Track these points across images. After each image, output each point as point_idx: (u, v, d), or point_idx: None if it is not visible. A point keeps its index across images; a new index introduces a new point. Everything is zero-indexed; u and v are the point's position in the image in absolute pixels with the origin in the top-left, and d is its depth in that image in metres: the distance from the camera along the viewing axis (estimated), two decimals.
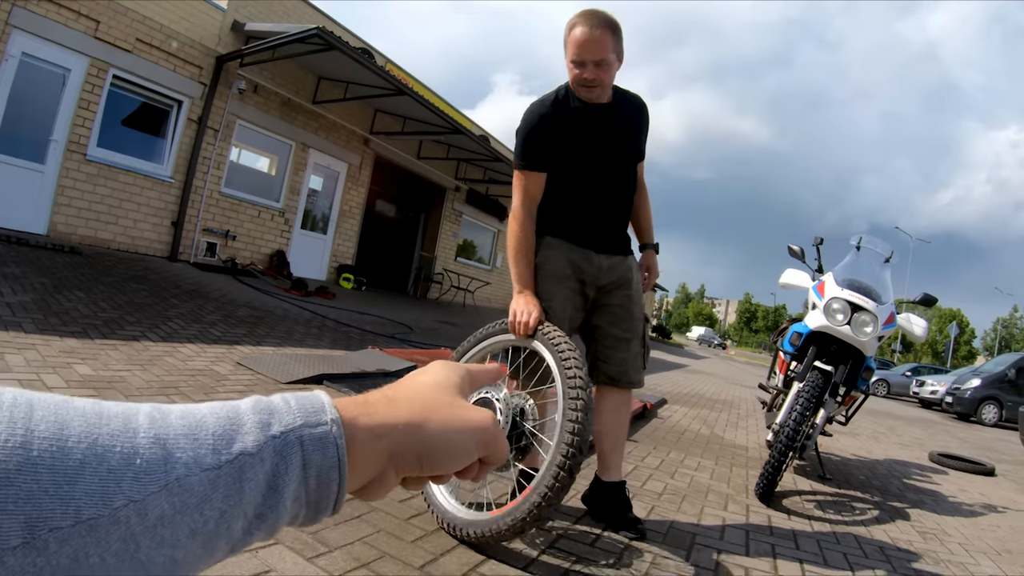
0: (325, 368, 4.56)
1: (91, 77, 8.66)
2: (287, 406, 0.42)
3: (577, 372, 2.20)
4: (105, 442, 0.34)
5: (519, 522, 2.07)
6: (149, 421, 0.37)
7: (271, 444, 0.40)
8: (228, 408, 0.41)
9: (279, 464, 0.40)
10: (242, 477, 0.38)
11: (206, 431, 0.38)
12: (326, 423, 0.42)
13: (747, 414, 8.19)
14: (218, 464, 0.37)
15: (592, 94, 2.58)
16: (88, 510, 0.32)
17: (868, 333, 3.89)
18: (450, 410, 0.50)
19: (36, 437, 0.32)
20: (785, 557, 2.77)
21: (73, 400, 0.36)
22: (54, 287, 5.45)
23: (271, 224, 12.02)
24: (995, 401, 16.65)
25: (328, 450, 0.42)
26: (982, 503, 4.86)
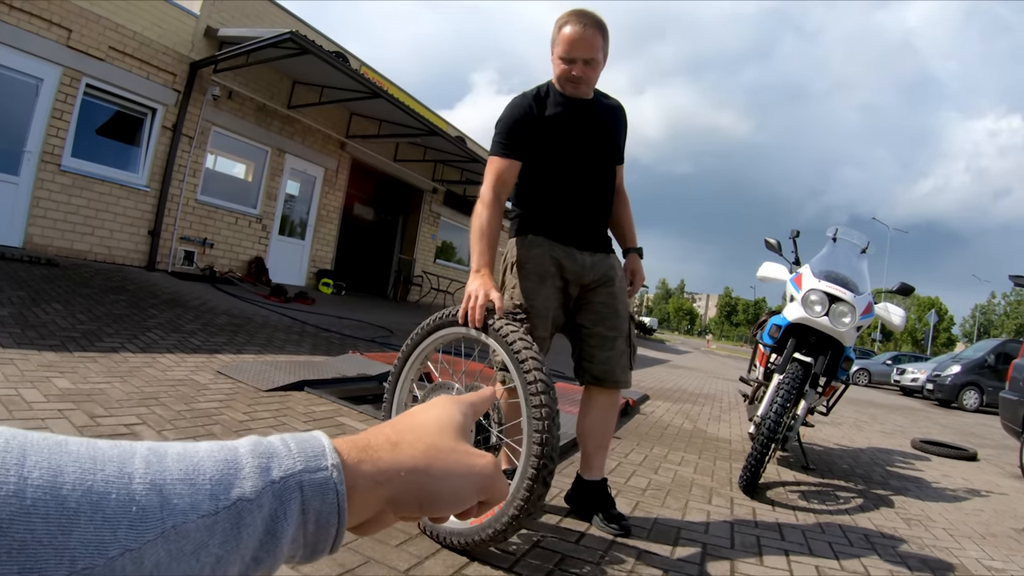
0: (306, 374, 4.54)
1: (64, 86, 8.54)
2: (287, 450, 0.42)
3: (537, 375, 2.10)
4: (100, 489, 0.33)
5: (499, 533, 2.07)
6: (145, 465, 0.36)
7: (270, 489, 0.39)
8: (226, 450, 0.40)
9: (278, 510, 0.39)
10: (240, 523, 0.38)
11: (203, 476, 0.37)
12: (327, 468, 0.42)
13: (729, 407, 8.24)
14: (215, 510, 0.37)
15: (579, 90, 2.61)
16: (83, 560, 0.31)
17: (846, 324, 3.93)
18: (453, 456, 0.50)
19: (30, 485, 0.31)
20: (771, 549, 2.79)
21: (67, 442, 0.35)
22: (31, 300, 5.38)
23: (248, 231, 11.93)
24: (976, 387, 16.85)
25: (328, 496, 0.42)
26: (965, 488, 4.92)
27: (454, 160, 15.35)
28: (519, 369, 2.14)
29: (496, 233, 2.51)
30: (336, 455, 0.43)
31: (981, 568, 2.95)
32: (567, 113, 2.63)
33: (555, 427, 2.06)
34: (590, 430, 2.75)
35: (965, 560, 3.04)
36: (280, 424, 3.40)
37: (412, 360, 2.56)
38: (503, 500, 0.53)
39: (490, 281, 2.33)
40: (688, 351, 32.88)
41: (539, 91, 2.68)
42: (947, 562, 2.97)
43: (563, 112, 2.63)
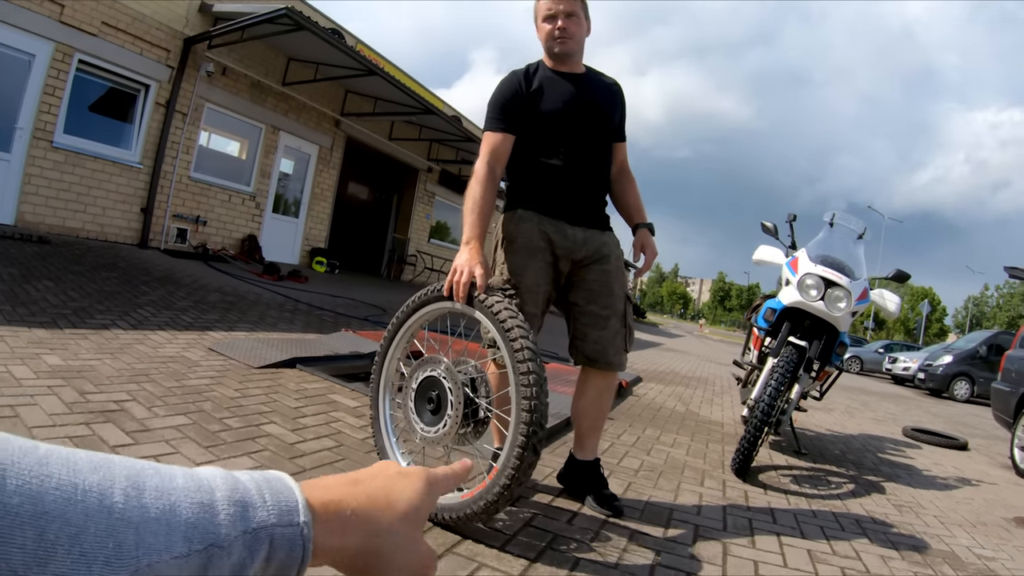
0: (298, 352, 4.52)
1: (56, 62, 8.42)
2: (262, 500, 0.43)
3: (524, 343, 2.09)
4: (79, 522, 0.33)
5: (491, 504, 2.07)
6: (124, 499, 0.36)
7: (241, 539, 0.41)
8: (203, 492, 0.41)
9: (245, 558, 0.41)
10: (208, 565, 0.38)
11: (179, 518, 0.38)
12: (298, 525, 0.44)
13: (722, 391, 8.26)
14: (188, 552, 0.37)
15: (566, 47, 2.59)
16: None
17: (842, 308, 3.92)
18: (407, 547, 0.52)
19: (9, 512, 0.30)
20: (763, 531, 2.79)
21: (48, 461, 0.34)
22: (22, 277, 5.34)
23: (242, 208, 11.85)
24: (967, 377, 16.95)
25: (294, 551, 0.43)
26: (956, 477, 4.95)
27: (449, 139, 15.27)
28: (505, 338, 2.13)
29: (489, 206, 2.48)
30: (308, 512, 0.45)
31: (972, 556, 2.96)
32: (559, 86, 2.62)
33: (543, 394, 2.06)
34: (585, 411, 2.73)
35: (956, 547, 3.05)
36: (272, 401, 3.38)
37: (399, 337, 2.57)
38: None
39: (478, 254, 2.30)
40: (681, 335, 32.96)
41: (529, 68, 2.68)
42: (938, 549, 2.98)
43: (552, 86, 2.61)
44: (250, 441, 2.70)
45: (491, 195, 2.50)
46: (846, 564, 2.55)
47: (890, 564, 2.64)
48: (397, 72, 13.12)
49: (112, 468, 0.37)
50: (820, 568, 2.46)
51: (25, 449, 0.34)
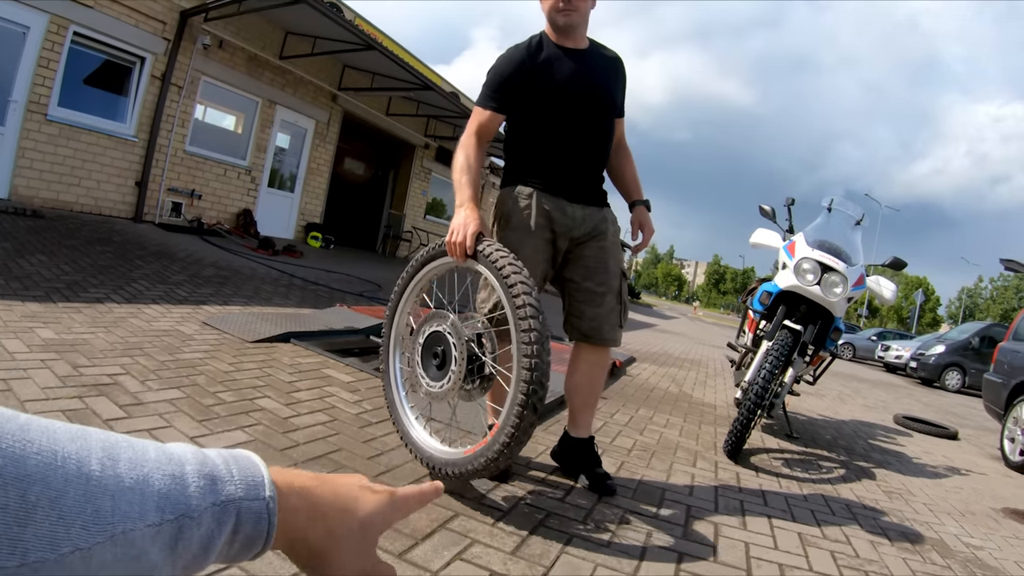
0: (292, 326, 4.51)
1: (51, 34, 8.30)
2: (229, 474, 0.45)
3: (526, 299, 2.06)
4: (59, 486, 0.34)
5: (491, 461, 2.07)
6: (100, 468, 0.37)
7: (211, 511, 0.43)
8: (174, 464, 0.42)
9: (214, 529, 0.43)
10: (179, 536, 0.40)
11: (152, 488, 0.39)
12: (263, 498, 0.46)
13: (715, 373, 8.29)
14: (160, 521, 0.39)
15: (570, 19, 2.53)
16: (35, 553, 0.32)
17: (838, 294, 3.92)
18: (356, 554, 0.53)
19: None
20: (754, 513, 2.81)
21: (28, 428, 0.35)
22: (15, 251, 5.29)
23: (237, 183, 11.78)
24: (959, 368, 17.02)
25: (260, 524, 0.46)
26: (945, 465, 4.98)
27: (447, 116, 15.15)
28: (508, 294, 2.11)
29: (478, 170, 2.47)
30: (273, 487, 0.47)
31: (960, 544, 2.99)
32: (560, 62, 2.56)
33: (545, 352, 2.04)
34: (578, 387, 2.73)
35: (944, 535, 3.07)
36: (266, 375, 3.37)
37: (409, 291, 2.60)
38: None
39: (473, 213, 2.29)
40: (675, 317, 33.04)
41: (532, 41, 2.62)
42: (927, 536, 3.00)
43: (556, 61, 2.56)
44: (244, 415, 2.70)
45: (478, 159, 2.50)
46: (836, 548, 2.57)
47: (879, 550, 2.66)
48: (396, 47, 13.03)
49: (88, 439, 0.38)
50: (810, 552, 2.48)
51: (6, 416, 0.35)
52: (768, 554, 2.37)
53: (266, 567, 1.59)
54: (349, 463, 2.42)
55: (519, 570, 1.85)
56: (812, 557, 2.42)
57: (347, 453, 2.52)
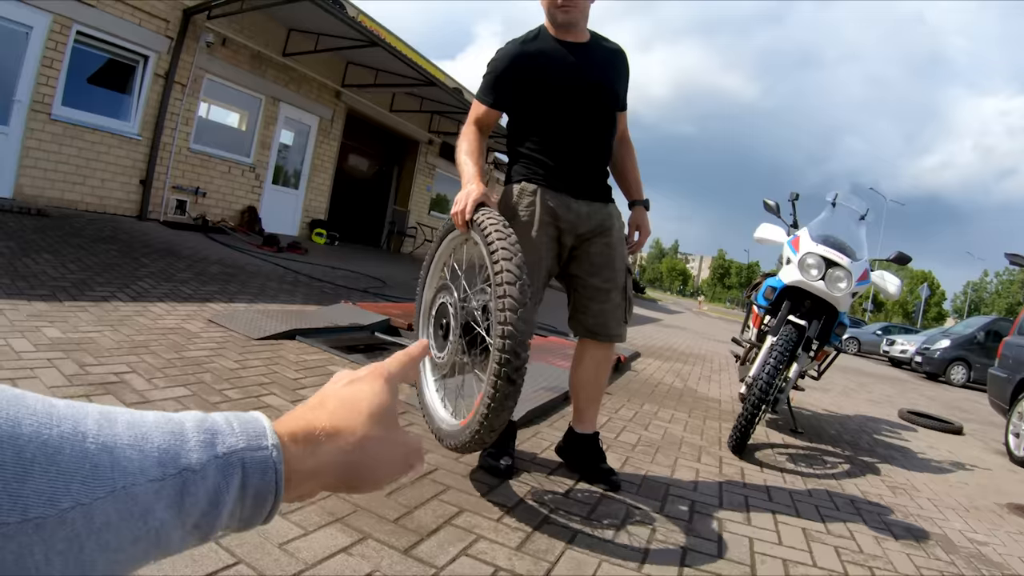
0: (297, 323, 4.52)
1: (54, 34, 8.30)
2: (230, 428, 0.44)
3: (505, 264, 2.01)
4: (55, 443, 0.34)
5: (475, 434, 2.08)
6: (97, 427, 0.37)
7: (214, 463, 0.42)
8: (173, 423, 0.42)
9: (220, 483, 0.42)
10: (184, 491, 0.40)
11: (151, 444, 0.39)
12: (267, 448, 0.45)
13: (720, 368, 8.28)
14: (162, 476, 0.39)
15: (569, 16, 2.52)
16: (35, 509, 0.32)
17: (842, 289, 3.92)
18: (383, 446, 0.53)
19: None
20: (758, 508, 2.81)
21: (24, 396, 0.36)
22: (21, 250, 5.31)
23: (242, 180, 11.81)
24: (964, 362, 16.96)
25: (267, 475, 0.44)
26: (950, 460, 4.97)
27: (451, 111, 15.20)
28: (490, 260, 2.08)
29: (480, 151, 2.50)
30: (275, 436, 0.46)
31: (964, 540, 2.98)
32: (561, 57, 2.55)
33: (520, 321, 1.97)
34: (582, 383, 2.73)
35: (949, 531, 3.07)
36: (271, 372, 3.38)
37: (433, 265, 2.66)
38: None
39: (476, 185, 2.29)
40: (680, 311, 32.98)
41: (530, 36, 2.61)
42: (931, 532, 2.99)
43: (557, 56, 2.55)
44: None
45: (480, 146, 2.52)
46: (840, 543, 2.57)
47: (884, 545, 2.66)
48: (399, 43, 13.01)
49: (84, 406, 0.39)
50: (815, 547, 2.48)
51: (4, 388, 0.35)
52: (772, 549, 2.37)
53: (272, 564, 1.60)
54: None
55: (524, 566, 1.86)
56: (816, 552, 2.42)
57: None
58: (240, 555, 1.60)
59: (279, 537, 1.73)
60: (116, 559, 0.36)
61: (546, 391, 3.94)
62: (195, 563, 1.53)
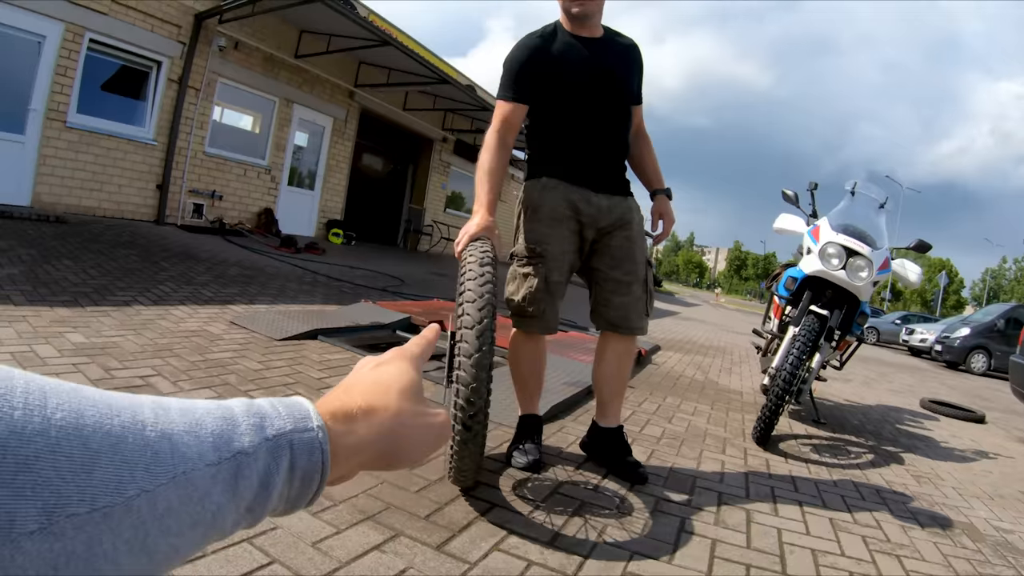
0: (318, 323, 4.55)
1: (67, 43, 8.38)
2: (276, 412, 0.46)
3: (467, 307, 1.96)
4: (118, 432, 0.35)
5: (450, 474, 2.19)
6: (154, 416, 0.38)
7: (265, 446, 0.43)
8: (223, 409, 0.43)
9: (271, 464, 0.43)
10: (239, 474, 0.41)
11: (205, 429, 0.40)
12: (313, 429, 0.46)
13: (740, 360, 8.25)
14: (218, 460, 0.40)
15: (585, 9, 2.51)
16: (104, 498, 0.33)
17: (863, 278, 3.89)
18: (416, 420, 0.55)
19: (53, 425, 0.32)
20: (785, 500, 2.80)
21: (82, 388, 0.36)
22: (41, 258, 5.37)
23: (257, 182, 11.89)
24: (984, 350, 16.78)
25: (314, 455, 0.46)
26: (974, 449, 4.93)
27: (464, 109, 15.23)
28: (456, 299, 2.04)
29: (499, 176, 2.46)
30: (320, 418, 0.48)
31: (990, 528, 2.96)
32: (576, 52, 2.55)
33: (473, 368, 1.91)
34: (605, 377, 2.73)
35: (974, 519, 3.05)
36: (295, 372, 3.41)
37: None
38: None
39: (480, 218, 2.28)
40: (698, 304, 32.85)
41: (546, 30, 2.61)
42: (957, 520, 2.97)
43: (571, 51, 2.55)
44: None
45: (501, 164, 2.48)
46: (867, 533, 2.56)
47: (910, 534, 2.65)
48: (410, 42, 13.04)
49: (136, 396, 0.39)
50: (842, 536, 2.47)
51: (60, 381, 0.36)
52: (800, 539, 2.37)
53: (306, 563, 1.62)
54: None
55: (556, 560, 1.87)
56: (844, 542, 2.41)
57: None
58: (274, 555, 1.62)
59: (312, 536, 1.75)
60: (176, 544, 0.37)
61: (568, 386, 3.94)
62: (229, 563, 1.54)
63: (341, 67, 13.09)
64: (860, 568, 2.19)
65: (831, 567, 2.16)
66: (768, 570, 2.05)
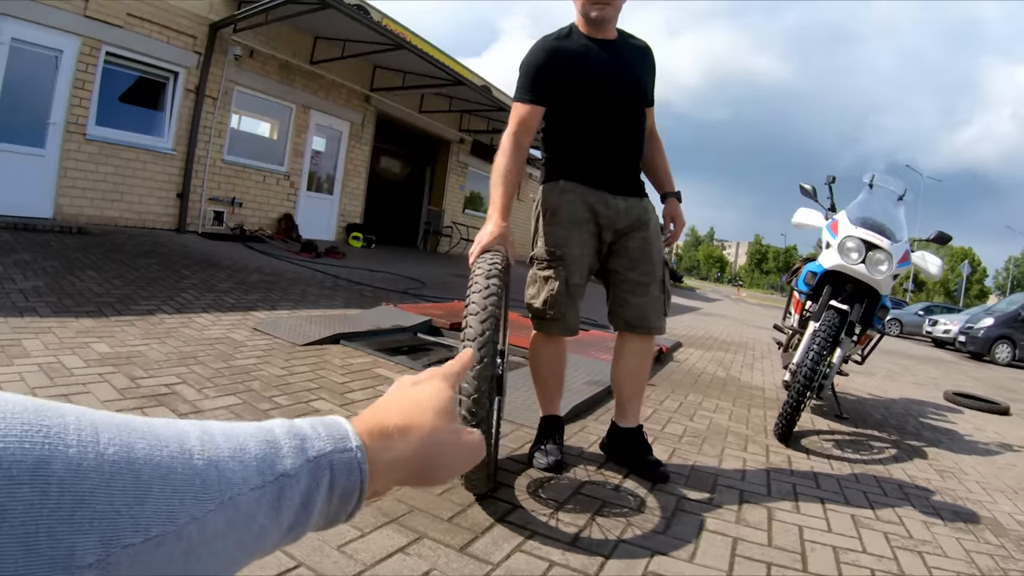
0: (341, 328, 4.58)
1: (84, 56, 8.50)
2: (316, 433, 0.48)
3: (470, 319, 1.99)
4: (167, 463, 0.37)
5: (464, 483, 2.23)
6: (200, 444, 0.40)
7: (306, 467, 0.45)
8: (264, 431, 0.45)
9: (312, 485, 0.45)
10: (281, 496, 0.43)
11: (249, 454, 0.42)
12: (352, 450, 0.49)
13: (762, 355, 8.20)
14: (262, 484, 0.42)
15: (604, 13, 2.52)
16: (156, 527, 0.35)
17: (883, 271, 3.87)
18: (451, 438, 0.58)
19: (107, 460, 0.34)
20: (807, 497, 2.80)
21: (131, 420, 0.38)
22: (65, 269, 5.45)
23: (277, 188, 12.00)
24: (1008, 340, 16.59)
25: (353, 475, 0.48)
26: (998, 442, 4.87)
27: (480, 109, 15.28)
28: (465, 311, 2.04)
29: (514, 179, 2.46)
30: (359, 438, 0.50)
31: (1014, 523, 2.93)
32: (592, 55, 2.56)
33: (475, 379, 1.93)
34: (624, 377, 2.74)
35: (998, 514, 3.01)
36: (318, 377, 3.44)
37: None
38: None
39: (494, 226, 2.29)
40: (718, 299, 32.70)
41: (562, 33, 2.62)
42: (980, 515, 2.95)
43: (588, 53, 2.56)
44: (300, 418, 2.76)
45: (516, 168, 2.49)
46: (890, 529, 2.55)
47: (933, 530, 2.63)
48: (424, 45, 13.09)
49: (182, 422, 0.42)
50: (864, 533, 2.46)
51: (109, 414, 0.38)
52: (822, 537, 2.36)
53: (331, 566, 1.64)
54: None
55: (578, 561, 1.88)
56: (866, 539, 2.40)
57: None
58: (300, 558, 1.65)
59: (337, 539, 1.77)
60: (222, 564, 0.39)
61: (590, 385, 3.95)
62: (256, 567, 1.57)
63: (356, 72, 13.17)
64: (882, 565, 2.18)
65: (853, 564, 2.15)
66: (789, 568, 2.06)
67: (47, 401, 0.35)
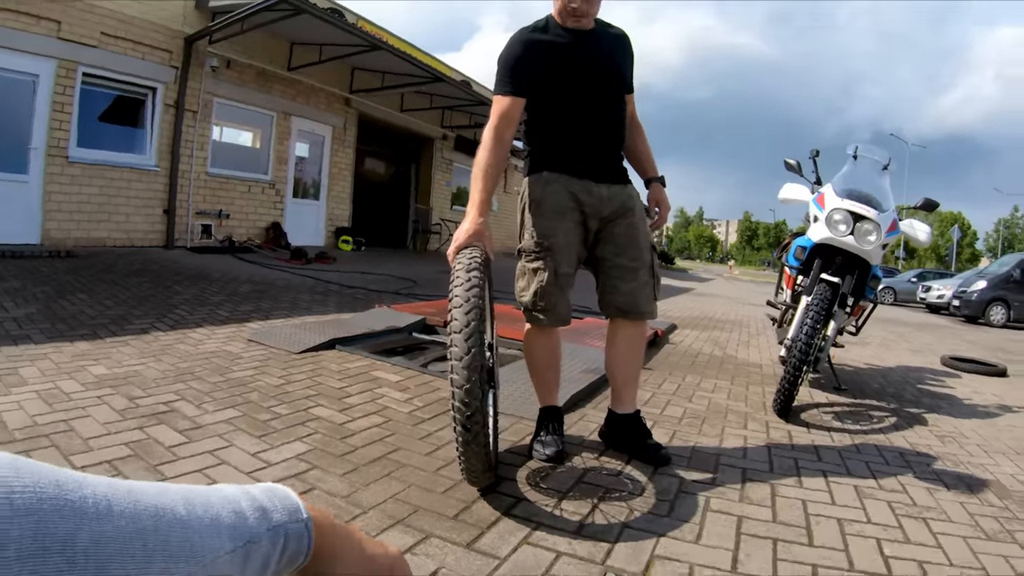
0: (335, 332, 4.57)
1: (61, 79, 8.46)
2: (273, 505, 0.58)
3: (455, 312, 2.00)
4: (164, 532, 0.45)
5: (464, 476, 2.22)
6: (186, 512, 0.48)
7: (267, 535, 0.55)
8: (232, 503, 0.54)
9: (270, 549, 0.55)
10: (248, 558, 0.52)
11: (224, 523, 0.51)
12: (302, 520, 0.60)
13: (757, 332, 8.22)
14: (234, 548, 0.51)
15: (580, 24, 2.56)
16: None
17: (872, 242, 3.88)
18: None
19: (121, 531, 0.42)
20: (809, 471, 2.81)
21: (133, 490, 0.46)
22: (56, 294, 5.42)
23: (262, 197, 11.98)
24: (1002, 302, 16.63)
25: (302, 541, 0.59)
26: (997, 404, 4.89)
27: (461, 105, 15.24)
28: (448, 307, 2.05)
29: (494, 175, 2.45)
30: (307, 512, 0.61)
31: (1016, 484, 2.94)
32: (570, 45, 2.57)
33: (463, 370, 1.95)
34: (618, 363, 2.75)
35: (1000, 476, 3.03)
36: (316, 384, 3.44)
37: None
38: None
39: (470, 223, 2.28)
40: (711, 278, 32.70)
41: (538, 25, 2.63)
42: (982, 478, 2.96)
43: (565, 44, 2.57)
44: (300, 426, 2.76)
45: (497, 162, 2.48)
46: (893, 498, 2.56)
47: (936, 496, 2.64)
48: (401, 44, 13.05)
49: (168, 492, 0.49)
50: (868, 504, 2.47)
51: (114, 484, 0.45)
52: (826, 510, 2.38)
53: None
54: (408, 462, 2.47)
55: (585, 549, 1.89)
56: (870, 509, 2.42)
57: (405, 452, 2.58)
58: None
59: None
60: None
61: (587, 373, 3.96)
62: None
63: (335, 75, 13.13)
64: (887, 534, 2.20)
65: (858, 535, 2.17)
66: (795, 542, 2.07)
67: (64, 471, 0.42)
